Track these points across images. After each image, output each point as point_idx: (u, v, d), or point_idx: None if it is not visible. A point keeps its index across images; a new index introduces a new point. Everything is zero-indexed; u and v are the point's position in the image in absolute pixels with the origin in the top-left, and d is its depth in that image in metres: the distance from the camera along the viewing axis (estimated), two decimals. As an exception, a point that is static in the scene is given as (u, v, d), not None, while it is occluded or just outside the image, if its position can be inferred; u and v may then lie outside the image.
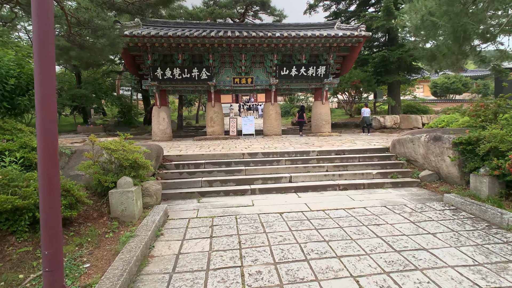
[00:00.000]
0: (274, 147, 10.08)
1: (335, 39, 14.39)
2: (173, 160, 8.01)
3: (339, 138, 14.11)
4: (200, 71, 15.02)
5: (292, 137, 15.58)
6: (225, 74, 16.19)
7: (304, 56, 15.67)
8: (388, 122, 19.57)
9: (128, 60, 15.01)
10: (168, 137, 15.94)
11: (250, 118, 17.02)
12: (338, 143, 11.05)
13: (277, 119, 16.46)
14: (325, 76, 15.85)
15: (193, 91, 16.52)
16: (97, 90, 21.95)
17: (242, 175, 7.40)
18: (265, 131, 16.60)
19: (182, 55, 15.12)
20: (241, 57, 15.42)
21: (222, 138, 15.51)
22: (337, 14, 23.59)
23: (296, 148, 9.41)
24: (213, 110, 16.15)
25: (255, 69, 16.35)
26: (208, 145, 11.59)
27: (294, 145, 10.78)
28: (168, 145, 11.96)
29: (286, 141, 12.77)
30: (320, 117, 16.67)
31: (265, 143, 11.94)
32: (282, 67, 15.43)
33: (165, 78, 15.03)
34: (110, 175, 5.01)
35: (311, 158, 8.14)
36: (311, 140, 12.79)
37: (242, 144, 11.45)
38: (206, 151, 9.27)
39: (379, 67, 21.37)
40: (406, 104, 24.52)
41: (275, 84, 16.09)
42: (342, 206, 5.83)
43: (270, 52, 15.58)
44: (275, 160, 7.93)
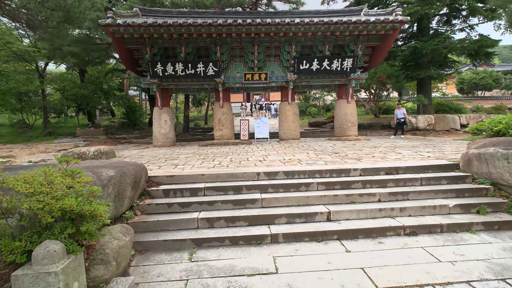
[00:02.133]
0: (296, 159, 7.67)
1: (365, 25, 11.82)
2: (162, 183, 5.73)
3: (370, 144, 11.57)
4: (206, 66, 12.72)
5: (313, 142, 13.11)
6: (235, 69, 13.84)
7: (328, 47, 13.15)
8: (421, 123, 16.85)
9: (124, 55, 12.83)
10: (170, 142, 13.72)
11: (264, 119, 14.65)
12: (377, 153, 8.54)
13: (295, 121, 14.02)
14: (351, 70, 13.30)
15: (198, 89, 14.26)
16: (99, 90, 19.96)
17: (257, 208, 5.04)
18: (281, 135, 14.19)
19: (185, 48, 12.85)
20: (254, 49, 13.03)
21: (231, 143, 13.18)
22: (360, 2, 20.89)
23: (328, 163, 6.97)
24: (221, 111, 13.83)
25: (269, 63, 13.94)
26: (214, 154, 9.28)
27: (321, 155, 8.35)
28: (166, 154, 9.71)
29: (308, 148, 10.34)
30: (345, 118, 14.14)
31: (283, 151, 9.56)
32: (302, 61, 12.97)
33: (166, 74, 12.80)
34: (25, 238, 2.74)
35: (353, 180, 5.70)
36: (339, 147, 10.31)
37: (256, 154, 9.08)
38: (208, 166, 6.95)
39: (408, 60, 18.62)
40: (436, 102, 21.66)
41: (292, 81, 13.65)
42: (427, 277, 3.40)
43: (287, 43, 13.13)
44: (303, 184, 5.53)
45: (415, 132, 16.83)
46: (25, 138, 18.56)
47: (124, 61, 12.99)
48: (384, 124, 18.60)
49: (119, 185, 4.44)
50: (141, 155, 9.83)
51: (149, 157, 9.17)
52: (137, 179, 4.96)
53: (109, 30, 11.33)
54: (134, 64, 13.67)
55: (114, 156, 9.41)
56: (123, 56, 12.72)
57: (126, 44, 12.81)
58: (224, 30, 11.61)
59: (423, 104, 18.21)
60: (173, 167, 6.90)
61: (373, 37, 13.36)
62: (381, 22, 11.71)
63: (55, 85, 22.59)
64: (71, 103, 21.64)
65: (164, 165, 7.21)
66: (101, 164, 4.75)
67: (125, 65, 13.26)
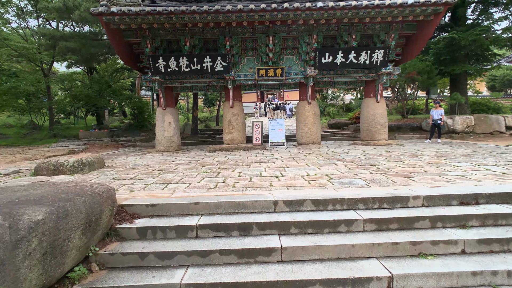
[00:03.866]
0: (324, 175, 5.81)
1: (402, 9, 9.77)
2: (139, 215, 4.01)
3: (407, 150, 9.54)
4: (214, 61, 10.99)
5: (337, 147, 11.16)
6: (246, 64, 12.05)
7: (354, 37, 11.16)
8: (458, 125, 14.58)
9: (122, 49, 11.25)
10: (175, 146, 12.09)
11: (280, 121, 12.80)
12: (428, 166, 6.55)
13: (316, 123, 12.09)
14: (382, 64, 11.27)
15: (206, 87, 12.55)
16: (104, 89, 18.61)
17: (275, 264, 3.22)
18: (299, 138, 12.31)
19: (190, 41, 11.15)
20: (268, 40, 11.20)
21: (242, 149, 11.41)
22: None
23: (371, 183, 5.08)
24: (231, 112, 12.07)
25: (286, 57, 12.08)
26: (220, 164, 7.52)
27: (354, 168, 6.44)
28: (164, 163, 8.02)
29: (334, 156, 8.43)
30: (373, 119, 12.11)
31: (304, 160, 7.71)
32: (324, 53, 11.04)
33: (169, 71, 11.15)
34: None
35: (416, 215, 3.80)
36: (372, 156, 8.35)
37: (271, 165, 7.26)
38: (209, 186, 5.18)
39: (442, 54, 16.30)
40: (471, 102, 19.18)
41: (313, 76, 11.73)
42: None
43: (307, 32, 11.23)
44: (343, 222, 3.69)
45: (452, 135, 14.57)
46: (28, 140, 17.45)
47: (122, 57, 11.42)
48: (414, 126, 16.40)
49: (54, 234, 2.72)
50: (135, 164, 8.19)
51: (142, 167, 7.50)
52: (92, 218, 3.24)
53: (102, 20, 9.76)
54: (134, 59, 12.10)
55: (102, 165, 7.80)
56: (120, 51, 11.14)
57: (125, 37, 11.25)
58: (234, 18, 9.84)
59: (460, 102, 15.87)
60: (162, 187, 5.17)
61: (408, 25, 11.28)
62: (421, 4, 9.63)
63: (62, 85, 21.47)
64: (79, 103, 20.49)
65: (152, 183, 5.50)
66: (31, 196, 3.05)
67: (124, 61, 11.72)
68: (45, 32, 13.87)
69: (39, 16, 19.16)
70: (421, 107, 24.32)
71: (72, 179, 6.09)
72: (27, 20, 17.90)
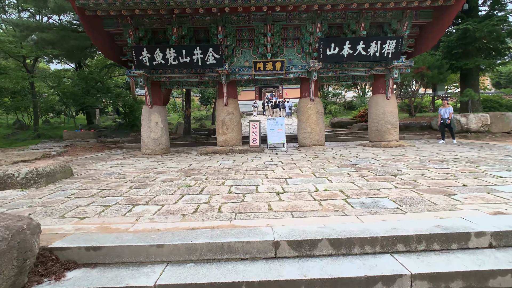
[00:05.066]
0: (338, 192, 4.50)
1: (419, -8, 8.45)
2: (76, 264, 2.70)
3: (425, 154, 8.24)
4: (205, 53, 9.64)
5: (343, 149, 9.86)
6: (242, 57, 10.70)
7: (364, 25, 9.80)
8: (473, 124, 13.28)
9: (100, 40, 9.86)
10: (163, 148, 10.76)
11: (279, 120, 11.48)
12: (463, 178, 5.24)
13: (319, 122, 10.77)
14: (394, 56, 9.94)
15: (197, 83, 11.20)
16: (91, 87, 17.21)
17: None
18: (300, 139, 11.00)
19: (178, 30, 9.78)
20: (266, 29, 9.85)
21: (238, 151, 10.09)
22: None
23: (403, 205, 3.77)
24: (225, 110, 10.74)
25: (286, 49, 10.73)
26: (209, 173, 6.22)
27: (373, 180, 5.13)
28: (143, 172, 6.68)
29: (343, 162, 7.11)
30: (383, 118, 10.80)
31: (309, 168, 6.41)
32: (329, 44, 9.69)
33: (154, 64, 9.79)
34: None
35: (489, 267, 2.52)
36: (387, 161, 7.04)
37: (270, 175, 5.95)
38: (187, 210, 3.86)
39: (454, 47, 14.99)
40: (481, 99, 17.88)
41: (317, 70, 10.40)
42: None
43: (310, 20, 9.87)
44: (380, 279, 2.41)
45: (466, 135, 13.29)
46: (10, 141, 16.04)
47: (101, 48, 10.04)
48: (424, 125, 15.11)
49: None
50: (109, 173, 6.85)
51: (115, 177, 6.18)
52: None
53: (74, 4, 8.38)
54: (116, 52, 10.72)
55: (68, 175, 6.46)
56: (99, 41, 9.75)
57: (105, 26, 9.88)
58: (227, 2, 8.48)
59: (472, 99, 14.57)
60: (125, 211, 3.85)
61: (423, 12, 9.95)
62: (441, -14, 8.31)
63: (48, 82, 20.01)
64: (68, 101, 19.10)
65: (115, 204, 4.17)
66: None
67: (104, 53, 10.34)
68: (19, 22, 12.48)
69: (24, 10, 17.77)
70: (425, 105, 23.00)
71: (14, 196, 4.75)
72: (7, 14, 16.43)
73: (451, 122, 11.53)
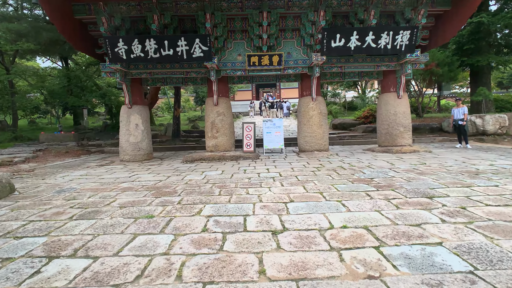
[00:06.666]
0: (361, 227, 3.08)
1: (441, -29, 7.03)
2: None
3: (451, 163, 6.81)
4: (191, 45, 8.16)
5: (351, 156, 8.40)
6: (234, 50, 9.23)
7: (373, 13, 8.38)
8: (490, 126, 11.90)
9: (69, 29, 8.31)
10: (143, 154, 9.27)
11: (277, 122, 10.02)
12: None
13: (322, 125, 9.33)
14: (408, 49, 8.52)
15: (183, 79, 9.72)
16: (73, 85, 15.65)
17: None
18: (301, 144, 9.55)
19: (159, 18, 8.30)
20: (262, 18, 8.39)
21: (229, 158, 8.63)
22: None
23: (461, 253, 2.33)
24: (215, 110, 9.27)
25: (285, 42, 9.28)
26: (188, 192, 4.75)
27: (406, 207, 3.71)
28: (100, 192, 5.18)
29: (355, 173, 5.66)
30: (394, 119, 9.38)
31: (315, 186, 4.97)
32: (334, 35, 8.25)
33: (132, 57, 8.29)
34: None
35: None
36: (410, 174, 5.59)
37: (265, 199, 4.49)
38: (124, 279, 2.40)
39: (466, 43, 13.61)
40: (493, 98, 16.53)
41: (319, 65, 8.96)
42: None
43: (312, 8, 8.43)
44: None
45: (482, 138, 11.90)
46: (-17, 144, 14.51)
47: (71, 39, 8.50)
48: (434, 127, 13.72)
49: None
50: (62, 190, 5.35)
51: (63, 199, 4.69)
52: None
53: (32, -17, 6.88)
54: (90, 44, 9.21)
55: (7, 193, 4.96)
56: (67, 31, 8.20)
57: (75, 13, 8.39)
58: (215, -17, 7.02)
59: (488, 99, 13.20)
60: (27, 272, 2.39)
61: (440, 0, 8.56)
62: (468, -35, 6.89)
63: (32, 80, 18.40)
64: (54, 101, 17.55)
65: (22, 256, 2.70)
66: None
67: (74, 45, 8.80)
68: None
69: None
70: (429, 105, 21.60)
71: None
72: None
73: (465, 126, 10.17)
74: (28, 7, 14.45)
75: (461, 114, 10.24)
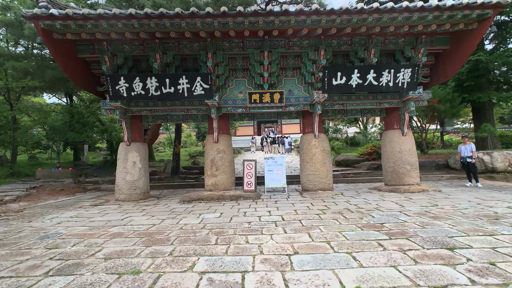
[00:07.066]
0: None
1: (438, 13, 7.16)
2: None
3: (466, 205, 6.39)
4: (192, 83, 8.16)
5: (357, 197, 7.96)
6: (235, 88, 9.24)
7: (373, 52, 8.46)
8: (499, 163, 11.54)
9: (71, 67, 8.41)
10: (139, 193, 8.90)
11: (279, 159, 9.74)
12: None
13: (326, 163, 9.03)
14: (410, 87, 8.47)
15: (184, 116, 9.64)
16: (75, 121, 15.71)
17: None
18: (304, 183, 9.17)
19: (162, 57, 8.40)
20: (263, 57, 8.48)
21: (229, 198, 8.23)
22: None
23: None
24: (215, 148, 9.05)
25: (285, 79, 9.31)
26: (182, 238, 4.32)
27: (425, 261, 3.28)
28: (86, 238, 4.76)
29: (364, 217, 5.24)
30: (400, 157, 9.09)
31: (321, 233, 4.54)
32: (335, 73, 8.26)
33: (133, 94, 8.26)
34: None
35: None
36: (423, 218, 5.16)
37: (266, 250, 4.08)
38: None
39: (466, 80, 13.74)
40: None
41: (321, 103, 8.89)
42: None
43: (312, 47, 8.55)
44: None
45: (492, 176, 11.49)
46: (-21, 181, 14.20)
47: (73, 78, 8.57)
48: (440, 164, 13.37)
49: None
50: (47, 235, 4.95)
51: (44, 248, 4.27)
52: None
53: (38, 26, 7.04)
54: (92, 82, 9.28)
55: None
56: (69, 69, 8.28)
57: (79, 52, 8.53)
58: (217, 25, 7.15)
59: (493, 135, 13.00)
60: None
61: (440, 38, 8.69)
62: (463, 7, 7.03)
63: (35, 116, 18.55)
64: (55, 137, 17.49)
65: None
66: None
67: (76, 83, 8.84)
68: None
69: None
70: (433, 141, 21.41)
71: None
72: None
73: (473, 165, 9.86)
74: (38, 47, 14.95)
75: (469, 151, 9.97)
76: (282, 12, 6.97)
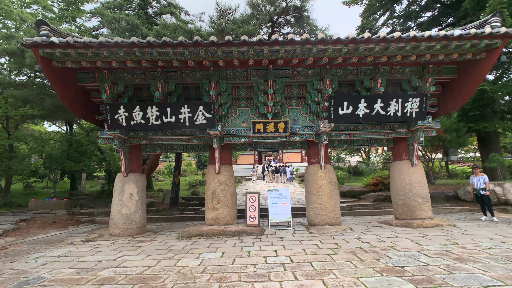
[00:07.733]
0: None
1: (446, 42, 7.08)
2: None
3: (489, 244, 5.87)
4: (194, 112, 7.93)
5: (368, 232, 7.40)
6: (238, 117, 9.01)
7: (380, 81, 8.31)
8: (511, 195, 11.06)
9: (70, 96, 8.20)
10: (135, 228, 8.37)
11: (283, 192, 9.28)
12: None
13: (333, 195, 8.57)
14: (418, 116, 8.24)
15: (185, 146, 9.32)
16: (73, 150, 15.40)
17: None
18: (310, 216, 8.65)
19: (163, 86, 8.24)
20: (267, 86, 8.32)
21: (230, 234, 7.69)
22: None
23: None
24: (217, 179, 8.63)
25: (290, 109, 9.11)
26: (177, 286, 3.83)
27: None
28: (72, 286, 4.27)
29: (380, 258, 4.70)
30: (411, 190, 8.65)
31: (336, 278, 4.01)
32: (341, 102, 8.05)
33: (133, 124, 7.99)
34: None
35: None
36: (446, 260, 4.64)
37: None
38: None
39: (471, 109, 13.62)
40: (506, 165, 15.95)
41: (327, 132, 8.59)
42: None
43: (317, 77, 8.43)
44: None
45: (506, 208, 10.96)
46: (-31, 212, 13.59)
47: (71, 106, 8.35)
48: (449, 195, 12.88)
49: None
50: (27, 281, 4.42)
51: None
52: None
53: (38, 54, 6.94)
54: (91, 110, 9.05)
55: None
56: (68, 97, 8.08)
57: (79, 81, 8.39)
58: (221, 54, 7.05)
59: (502, 166, 12.62)
60: None
61: (446, 68, 8.60)
62: (472, 36, 6.95)
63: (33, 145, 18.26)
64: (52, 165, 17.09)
65: None
66: None
67: (74, 112, 8.65)
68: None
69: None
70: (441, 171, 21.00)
71: None
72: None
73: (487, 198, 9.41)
74: (40, 75, 14.98)
75: (482, 183, 9.54)
76: (288, 41, 6.89)
